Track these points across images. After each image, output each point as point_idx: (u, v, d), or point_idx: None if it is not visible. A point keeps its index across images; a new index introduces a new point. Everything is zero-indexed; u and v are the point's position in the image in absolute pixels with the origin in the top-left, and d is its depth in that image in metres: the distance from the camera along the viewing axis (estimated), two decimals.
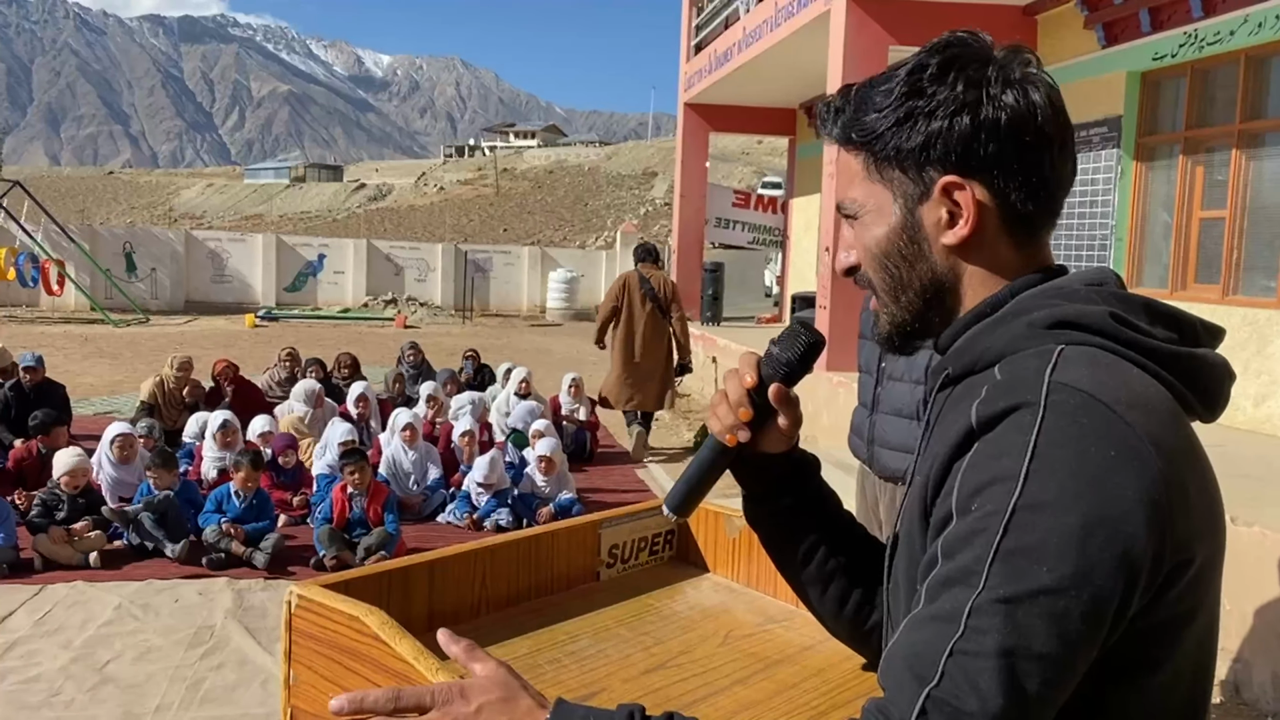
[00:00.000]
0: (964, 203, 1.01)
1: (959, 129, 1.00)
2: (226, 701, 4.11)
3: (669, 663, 1.43)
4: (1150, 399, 0.92)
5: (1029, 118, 1.00)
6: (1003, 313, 1.01)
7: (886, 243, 1.07)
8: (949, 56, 1.02)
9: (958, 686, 0.82)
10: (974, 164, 1.01)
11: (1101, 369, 0.92)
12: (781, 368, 1.20)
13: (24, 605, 5.07)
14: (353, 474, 6.04)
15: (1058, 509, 0.84)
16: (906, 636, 0.88)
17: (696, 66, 14.56)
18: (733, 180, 50.07)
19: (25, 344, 13.83)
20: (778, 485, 1.28)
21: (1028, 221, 1.03)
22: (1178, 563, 0.89)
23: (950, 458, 0.94)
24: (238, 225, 62.46)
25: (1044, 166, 1.01)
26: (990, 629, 0.83)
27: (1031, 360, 0.93)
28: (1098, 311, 0.96)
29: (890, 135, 1.03)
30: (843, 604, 1.30)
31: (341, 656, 1.23)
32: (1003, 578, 0.84)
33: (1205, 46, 7.53)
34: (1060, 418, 0.87)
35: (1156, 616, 0.89)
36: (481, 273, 25.59)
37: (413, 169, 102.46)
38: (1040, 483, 0.85)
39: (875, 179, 1.06)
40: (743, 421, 1.20)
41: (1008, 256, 1.04)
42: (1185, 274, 7.99)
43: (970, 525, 0.87)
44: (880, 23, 8.72)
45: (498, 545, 1.58)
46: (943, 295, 1.06)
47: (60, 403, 8.46)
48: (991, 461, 0.89)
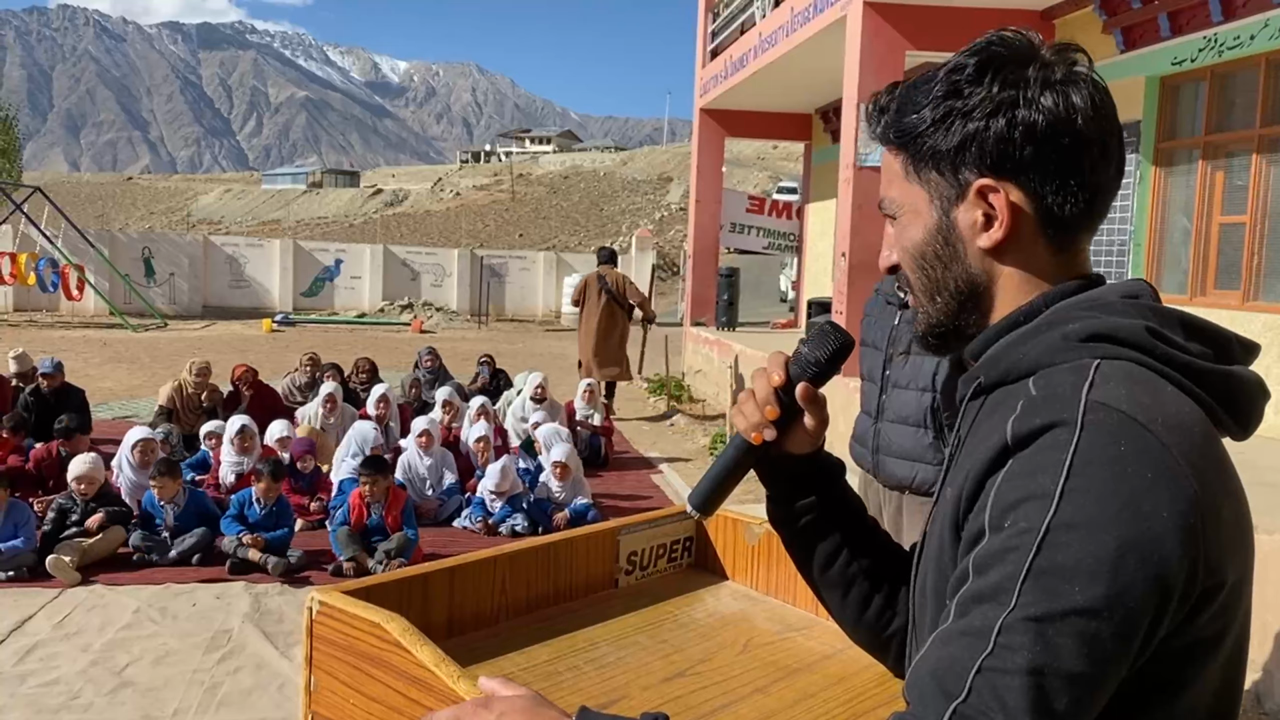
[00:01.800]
0: (999, 205, 1.01)
1: (995, 131, 0.99)
2: (243, 706, 4.12)
3: (688, 670, 1.43)
4: (1186, 419, 0.91)
5: (1067, 120, 0.99)
6: (1037, 323, 1.00)
7: (923, 244, 1.07)
8: (988, 57, 1.01)
9: (985, 703, 0.82)
10: (1009, 166, 1.00)
11: (1138, 387, 0.91)
12: (810, 367, 1.20)
13: (43, 609, 5.11)
14: (367, 483, 6.05)
15: (1092, 529, 0.83)
16: (935, 651, 0.87)
17: (712, 72, 14.56)
18: (748, 185, 50.03)
19: (45, 348, 13.95)
20: (802, 486, 1.28)
21: (1065, 226, 1.02)
22: (1210, 586, 0.88)
23: (984, 473, 0.93)
24: (255, 231, 62.75)
25: (1082, 171, 1.00)
26: (1020, 647, 0.82)
27: (1068, 376, 0.92)
28: (1134, 325, 0.95)
29: (927, 136, 1.03)
30: (864, 608, 1.29)
31: (362, 663, 1.23)
32: (1034, 596, 0.83)
33: (1225, 51, 7.48)
34: (1098, 437, 0.86)
35: (1187, 638, 0.88)
36: (497, 278, 25.67)
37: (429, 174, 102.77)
38: (1075, 502, 0.84)
39: (913, 179, 1.06)
40: (769, 420, 1.19)
41: (1044, 260, 1.03)
42: (1205, 280, 7.93)
43: (1003, 542, 0.87)
44: (896, 27, 8.69)
45: (517, 552, 1.58)
46: (977, 298, 1.06)
47: (79, 407, 8.52)
48: (1027, 479, 0.88)
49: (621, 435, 10.03)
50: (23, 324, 20.08)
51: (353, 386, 9.80)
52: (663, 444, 10.04)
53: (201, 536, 5.92)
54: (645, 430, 10.77)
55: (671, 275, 31.85)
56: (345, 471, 7.08)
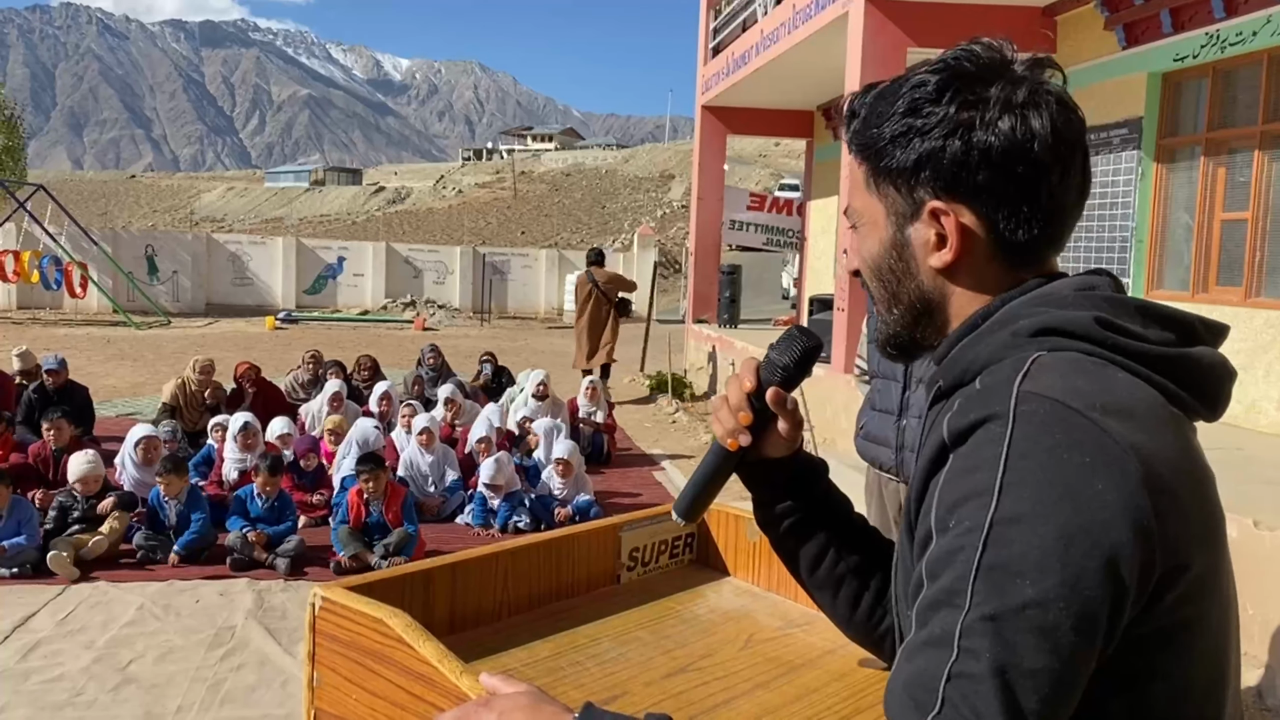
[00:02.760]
0: (949, 228, 1.01)
1: (950, 152, 0.99)
2: (247, 702, 4.13)
3: (690, 666, 1.43)
4: (1134, 404, 0.90)
5: (1023, 147, 0.97)
6: (990, 323, 1.01)
7: (879, 256, 1.08)
8: (951, 74, 1.00)
9: (958, 712, 0.81)
10: (963, 189, 1.00)
11: (1080, 375, 0.90)
12: (779, 371, 1.21)
13: (47, 606, 5.12)
14: (367, 481, 6.06)
15: (1035, 520, 0.83)
16: (904, 665, 0.87)
17: (714, 69, 14.55)
18: (750, 183, 50.01)
19: (49, 346, 13.97)
20: (784, 489, 1.28)
21: (1018, 249, 1.01)
22: (1170, 568, 0.87)
23: (928, 473, 0.93)
24: (258, 228, 62.80)
25: (1039, 196, 0.99)
26: (981, 649, 0.81)
27: (1006, 370, 0.92)
28: (1083, 317, 0.94)
29: (885, 152, 1.03)
30: (854, 607, 1.29)
31: (365, 659, 1.24)
32: (986, 595, 0.82)
33: (1227, 47, 7.47)
34: (1030, 427, 0.86)
35: (1154, 624, 0.88)
36: (499, 275, 25.68)
37: (431, 172, 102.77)
38: (1015, 495, 0.84)
39: (872, 192, 1.07)
40: (743, 425, 1.20)
41: (998, 279, 1.03)
42: (1207, 276, 7.92)
43: (950, 544, 0.86)
44: (899, 25, 8.68)
45: (519, 548, 1.59)
46: (931, 313, 1.06)
47: (83, 404, 8.54)
48: (965, 476, 0.88)
49: (624, 432, 10.03)
50: (26, 321, 20.11)
51: (355, 384, 9.81)
52: (665, 441, 10.05)
53: (204, 525, 5.95)
54: (648, 427, 10.77)
55: (673, 273, 31.85)
56: (347, 469, 7.09)
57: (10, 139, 26.97)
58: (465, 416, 8.58)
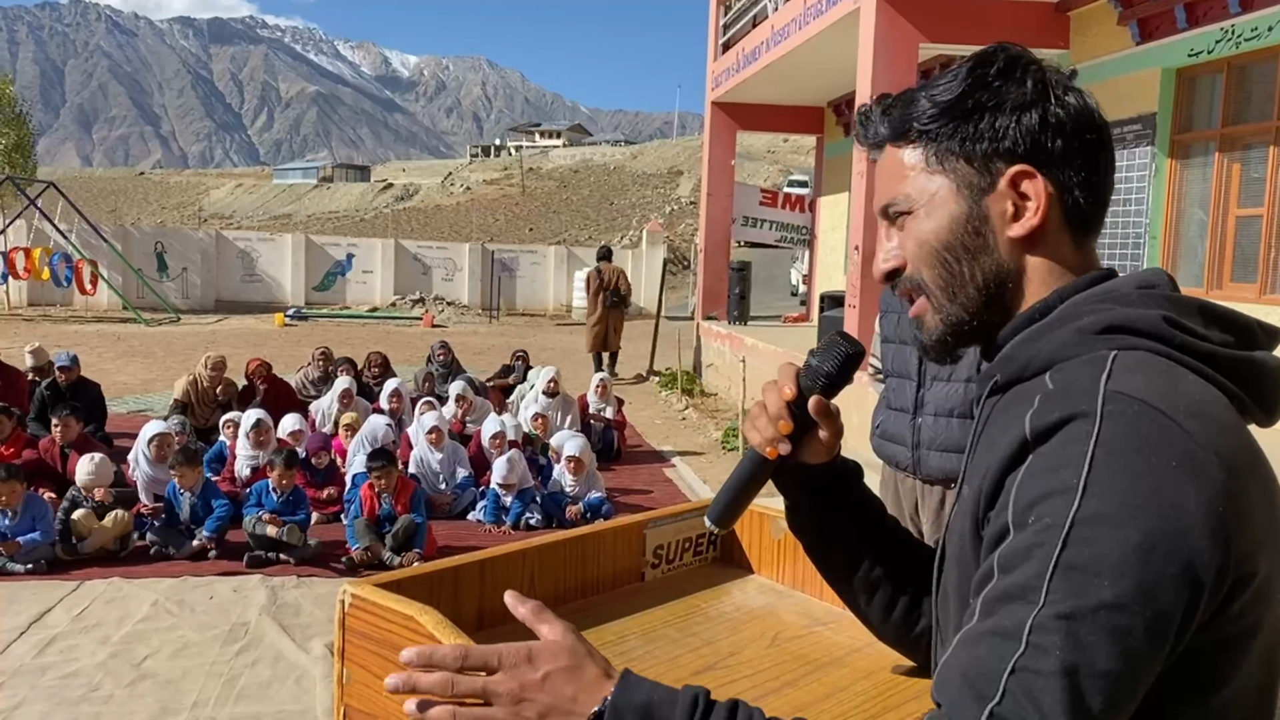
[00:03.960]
0: (1033, 193, 1.01)
1: (1027, 123, 1.01)
2: (261, 698, 4.14)
3: (718, 664, 1.43)
4: (1209, 406, 0.89)
5: (1090, 118, 1.02)
6: (1051, 318, 1.00)
7: (949, 234, 1.05)
8: (1013, 55, 1.04)
9: (1020, 705, 0.80)
10: (1041, 157, 1.01)
11: (1158, 376, 0.90)
12: (821, 379, 1.18)
13: (62, 601, 5.14)
14: (379, 478, 6.11)
15: (1118, 522, 0.82)
16: (964, 652, 0.86)
17: (724, 65, 14.52)
18: (759, 179, 49.96)
19: (60, 343, 14.01)
20: (820, 495, 1.27)
21: (1085, 221, 1.03)
22: (1241, 576, 0.86)
23: (1003, 470, 0.91)
24: (267, 225, 62.99)
25: (1100, 169, 1.03)
26: (1052, 646, 0.81)
27: (1085, 368, 0.91)
28: (1151, 315, 0.94)
29: (956, 126, 1.03)
30: (889, 611, 1.29)
31: (395, 655, 1.23)
32: (1063, 593, 0.82)
33: (1242, 42, 7.43)
34: (1119, 428, 0.85)
35: (1220, 632, 0.87)
36: (508, 272, 25.69)
37: (439, 169, 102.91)
38: (1099, 495, 0.83)
39: (936, 169, 1.05)
40: (783, 435, 1.19)
41: (1068, 253, 1.03)
42: (1221, 272, 7.89)
43: (1028, 539, 0.85)
44: (910, 20, 8.65)
45: (545, 545, 1.59)
46: (1004, 291, 1.04)
47: (95, 401, 8.56)
48: (1048, 474, 0.87)
49: (634, 429, 10.04)
50: (37, 318, 20.19)
51: (365, 381, 9.82)
52: (675, 438, 10.05)
53: (227, 509, 6.05)
54: (658, 424, 10.77)
55: (682, 269, 31.84)
56: (358, 466, 7.10)
57: (20, 136, 27.03)
58: (476, 413, 8.59)
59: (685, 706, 0.93)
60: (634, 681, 0.96)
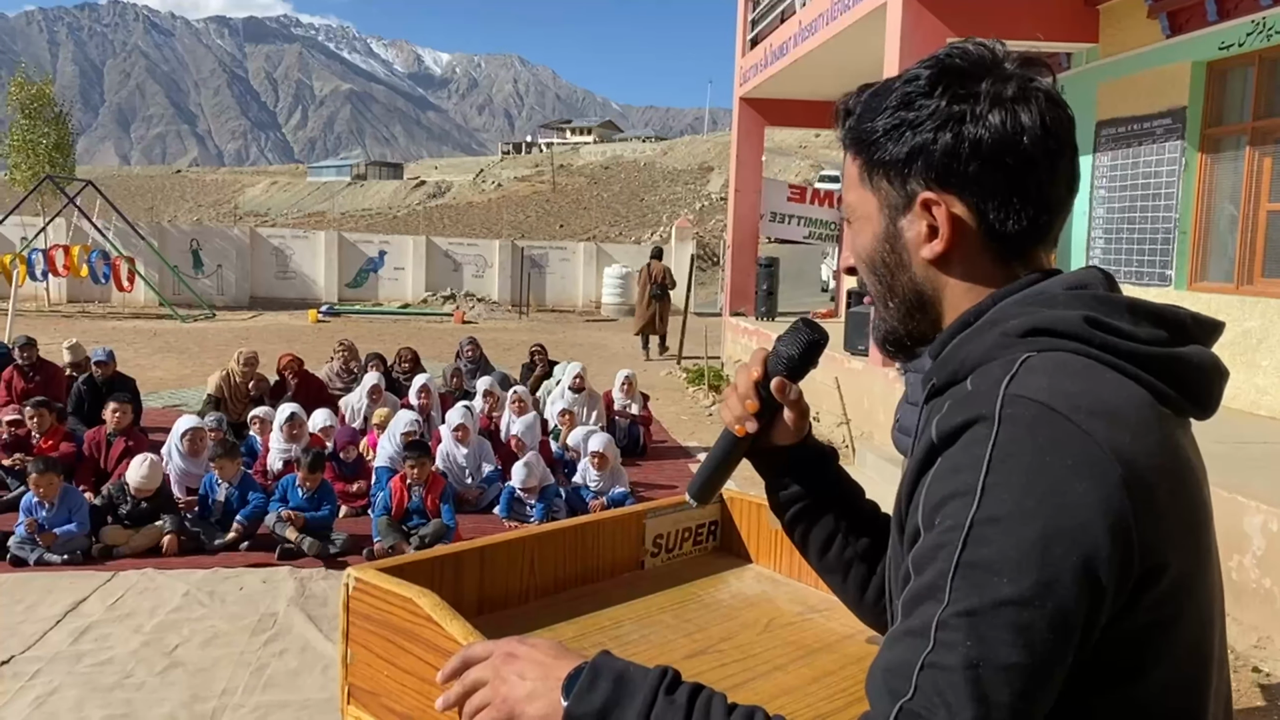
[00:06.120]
0: (940, 218, 1.03)
1: (941, 144, 1.01)
2: (289, 687, 4.23)
3: (710, 648, 1.47)
4: (1119, 405, 0.91)
5: (1013, 139, 1.00)
6: (982, 322, 1.02)
7: (873, 250, 1.10)
8: (942, 70, 1.03)
9: (929, 700, 0.84)
10: (954, 181, 1.02)
11: (1066, 377, 0.92)
12: (783, 362, 1.25)
13: (97, 591, 5.26)
14: (414, 467, 6.19)
15: (1015, 521, 0.85)
16: (886, 651, 0.90)
17: (752, 61, 14.51)
18: (790, 174, 49.75)
19: (97, 339, 14.27)
20: (792, 475, 1.32)
21: (1009, 241, 1.03)
22: (1149, 568, 0.89)
23: (917, 472, 0.96)
24: (301, 223, 63.55)
25: (1028, 188, 1.01)
26: (956, 642, 0.84)
27: (995, 371, 0.94)
28: (1072, 316, 0.96)
29: (879, 144, 1.05)
30: (863, 590, 1.33)
31: (396, 636, 1.29)
32: (965, 591, 0.85)
33: (1274, 35, 7.34)
34: (1015, 430, 0.88)
35: (1133, 623, 0.89)
36: (538, 269, 25.77)
37: (471, 166, 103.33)
38: (997, 496, 0.86)
39: (866, 186, 1.09)
40: (749, 413, 1.24)
41: (989, 271, 1.05)
42: (1252, 267, 7.80)
43: (934, 540, 0.89)
44: (937, 14, 8.61)
45: (545, 534, 1.63)
46: (924, 306, 1.08)
47: (131, 396, 8.72)
48: (951, 476, 0.90)
49: (660, 425, 10.07)
50: (76, 315, 20.54)
51: (395, 376, 9.94)
52: (701, 433, 10.07)
53: (263, 500, 6.21)
54: (684, 420, 10.80)
55: (711, 265, 31.78)
56: (383, 460, 7.20)
57: (60, 135, 27.48)
58: (504, 409, 8.67)
59: (655, 675, 0.98)
60: (611, 658, 1.02)
